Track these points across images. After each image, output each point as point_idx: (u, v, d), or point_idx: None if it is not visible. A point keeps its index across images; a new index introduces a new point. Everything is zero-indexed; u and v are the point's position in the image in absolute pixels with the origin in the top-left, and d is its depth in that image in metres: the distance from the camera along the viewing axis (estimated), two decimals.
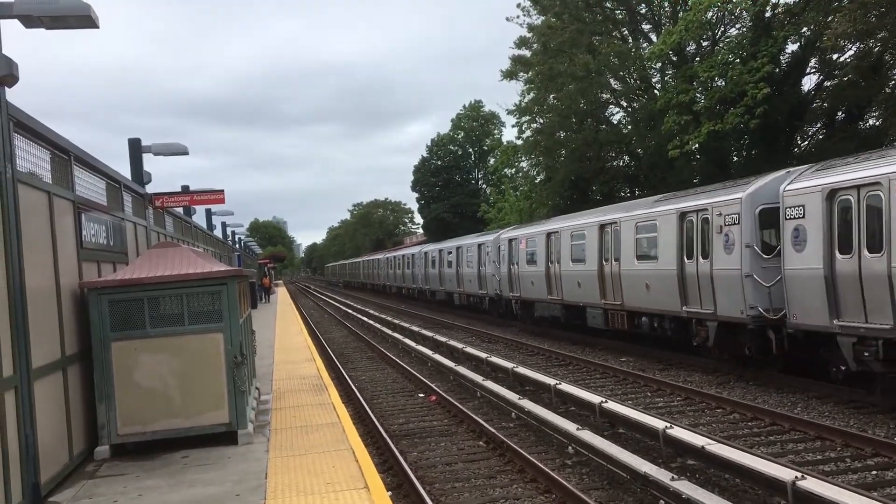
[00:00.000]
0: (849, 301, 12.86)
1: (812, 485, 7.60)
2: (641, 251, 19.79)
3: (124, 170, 16.00)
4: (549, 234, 26.28)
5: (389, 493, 8.70)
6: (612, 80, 37.82)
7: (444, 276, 42.85)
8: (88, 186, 11.80)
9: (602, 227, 22.06)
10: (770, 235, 15.50)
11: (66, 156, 10.66)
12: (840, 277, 13.04)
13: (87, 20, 8.87)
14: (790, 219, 14.21)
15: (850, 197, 12.89)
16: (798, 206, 14.03)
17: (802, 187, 14.05)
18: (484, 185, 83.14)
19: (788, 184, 14.52)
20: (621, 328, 21.25)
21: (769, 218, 15.25)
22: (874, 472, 9.69)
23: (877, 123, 30.09)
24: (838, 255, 13.11)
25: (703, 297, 16.95)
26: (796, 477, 7.77)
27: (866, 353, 12.51)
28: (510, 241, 30.74)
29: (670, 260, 18.15)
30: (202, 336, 10.73)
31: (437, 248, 45.25)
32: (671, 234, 18.15)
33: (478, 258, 35.67)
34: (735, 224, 15.82)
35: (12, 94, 8.43)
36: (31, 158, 9.37)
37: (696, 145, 30.19)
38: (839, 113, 31.60)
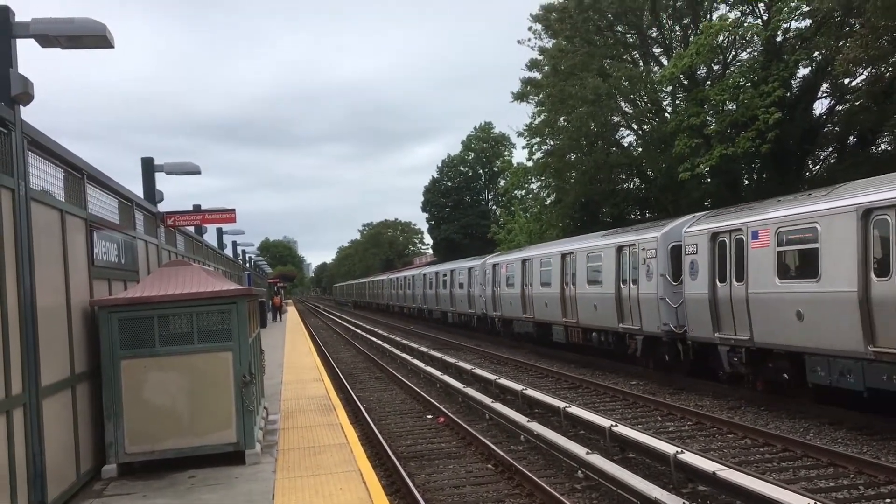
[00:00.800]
0: (724, 318, 16.34)
1: None
2: (591, 277, 23.02)
3: (137, 188, 16.08)
4: (523, 261, 29.58)
5: None
6: (622, 103, 37.85)
7: (440, 296, 46.53)
8: (101, 204, 11.84)
9: (563, 256, 25.31)
10: (679, 266, 18.46)
11: (79, 174, 10.71)
12: (719, 300, 16.49)
13: (102, 40, 8.97)
14: (688, 254, 17.72)
15: (725, 239, 16.33)
16: (693, 244, 17.48)
17: (696, 230, 17.57)
18: (494, 207, 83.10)
19: (688, 226, 18.09)
20: (577, 342, 24.62)
21: (678, 252, 18.50)
22: (888, 500, 9.56)
23: (888, 148, 30.01)
24: (718, 283, 16.54)
25: (632, 315, 20.45)
26: None
27: (735, 359, 16.10)
28: (494, 266, 34.06)
29: (611, 285, 21.55)
30: (211, 355, 10.71)
31: (434, 271, 49.22)
32: (611, 264, 21.60)
33: (468, 281, 39.14)
34: (654, 257, 19.31)
35: (27, 113, 8.52)
36: (44, 176, 9.40)
37: (708, 168, 30.13)
38: (851, 137, 31.50)
